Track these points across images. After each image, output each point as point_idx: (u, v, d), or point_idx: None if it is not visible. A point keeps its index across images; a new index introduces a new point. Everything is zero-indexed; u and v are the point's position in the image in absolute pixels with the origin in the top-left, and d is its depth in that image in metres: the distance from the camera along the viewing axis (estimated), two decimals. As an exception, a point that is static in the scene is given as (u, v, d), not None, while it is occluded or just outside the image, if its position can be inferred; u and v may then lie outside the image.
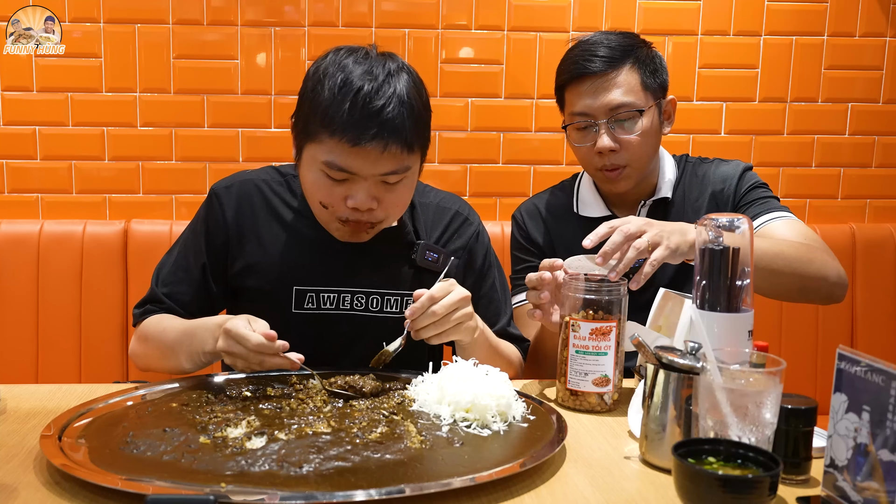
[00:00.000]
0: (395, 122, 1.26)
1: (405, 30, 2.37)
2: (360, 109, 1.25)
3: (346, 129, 1.25)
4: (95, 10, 2.29)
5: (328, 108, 1.27)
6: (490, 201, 2.46)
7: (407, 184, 1.36)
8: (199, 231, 1.50)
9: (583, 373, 1.27)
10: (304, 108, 1.33)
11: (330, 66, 1.30)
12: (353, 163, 1.28)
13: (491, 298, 1.57)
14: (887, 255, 2.37)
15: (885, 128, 2.53)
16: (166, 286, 1.50)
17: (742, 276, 1.12)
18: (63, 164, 2.34)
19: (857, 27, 2.47)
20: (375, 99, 1.25)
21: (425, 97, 1.36)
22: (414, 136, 1.29)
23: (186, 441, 1.06)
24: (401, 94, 1.28)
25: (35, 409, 1.24)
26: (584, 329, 1.26)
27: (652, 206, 1.70)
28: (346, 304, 1.46)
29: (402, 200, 1.37)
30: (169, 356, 1.42)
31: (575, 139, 1.64)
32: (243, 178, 1.52)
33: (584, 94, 1.60)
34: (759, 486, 0.84)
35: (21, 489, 0.96)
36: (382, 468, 0.98)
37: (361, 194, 1.31)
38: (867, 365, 0.87)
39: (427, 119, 1.36)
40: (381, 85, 1.27)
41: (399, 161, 1.30)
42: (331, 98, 1.27)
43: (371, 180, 1.31)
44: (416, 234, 1.50)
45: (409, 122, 1.28)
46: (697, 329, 1.07)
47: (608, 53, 1.59)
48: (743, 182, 1.69)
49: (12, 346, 2.15)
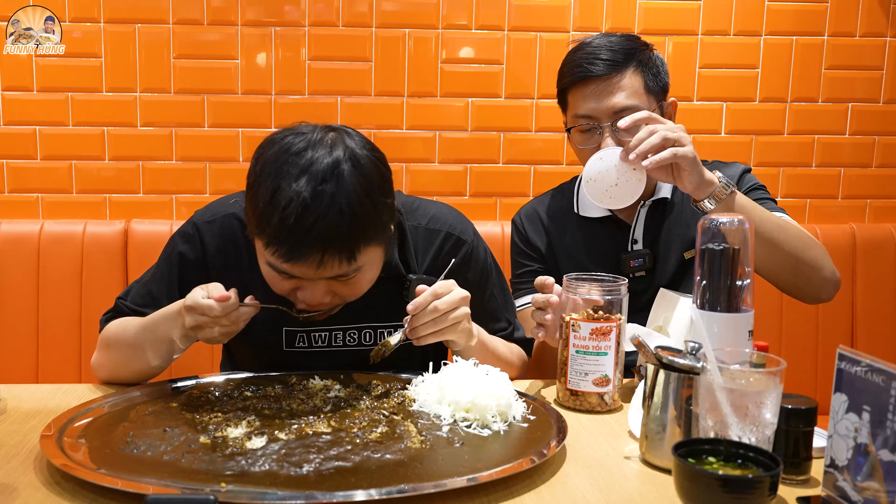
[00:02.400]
0: (329, 235, 1.16)
1: (405, 30, 2.37)
2: (289, 226, 1.15)
3: (277, 243, 1.17)
4: (95, 10, 2.29)
5: (261, 217, 1.18)
6: (490, 201, 2.46)
7: (363, 275, 1.27)
8: (174, 263, 1.43)
9: (583, 373, 1.27)
10: (247, 203, 1.25)
11: (268, 162, 1.20)
12: (294, 271, 1.21)
13: (490, 309, 1.54)
14: (887, 255, 2.37)
15: (886, 128, 2.53)
16: (135, 305, 1.44)
17: (742, 276, 1.12)
18: (63, 164, 2.34)
19: (858, 27, 2.47)
20: (308, 213, 1.14)
21: (377, 186, 1.22)
22: (357, 242, 1.19)
23: (186, 441, 1.06)
24: (339, 201, 1.15)
25: (35, 409, 1.24)
26: (585, 329, 1.26)
27: (651, 206, 1.71)
28: (339, 340, 1.44)
29: (358, 290, 1.29)
30: (133, 356, 1.35)
31: (578, 141, 1.64)
32: (226, 211, 1.44)
33: (587, 96, 1.60)
34: (759, 486, 0.85)
35: (21, 489, 0.96)
36: (382, 468, 0.98)
37: (310, 294, 1.25)
38: (867, 365, 0.87)
39: (377, 214, 1.22)
40: (316, 194, 1.15)
41: (342, 268, 1.21)
42: (263, 207, 1.17)
43: (319, 282, 1.24)
44: (406, 265, 1.44)
45: (349, 232, 1.17)
46: (697, 329, 1.07)
47: (612, 56, 1.58)
48: (742, 184, 1.69)
49: (12, 346, 2.15)
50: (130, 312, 1.43)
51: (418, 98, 2.40)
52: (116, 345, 1.39)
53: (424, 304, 1.28)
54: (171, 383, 1.33)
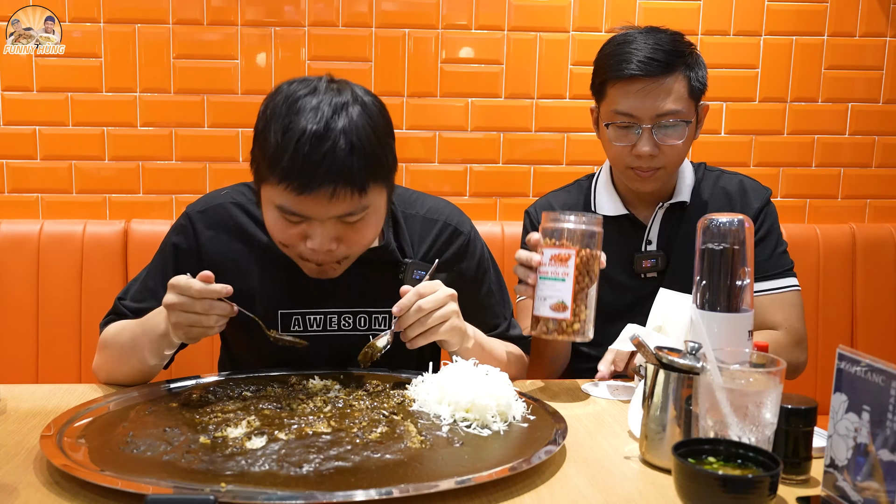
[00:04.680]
0: (341, 167, 1.20)
1: (405, 30, 2.37)
2: (302, 158, 1.19)
3: (291, 176, 1.20)
4: (95, 10, 2.29)
5: (273, 154, 1.21)
6: (490, 201, 2.46)
7: (369, 221, 1.29)
8: (169, 257, 1.45)
9: (542, 298, 1.31)
10: (256, 150, 1.28)
11: (278, 106, 1.24)
12: (304, 208, 1.23)
13: (487, 305, 1.55)
14: (887, 255, 2.37)
15: (885, 128, 2.53)
16: (132, 302, 1.46)
17: (742, 276, 1.12)
18: (63, 164, 2.34)
19: (858, 27, 2.47)
20: (320, 144, 1.19)
21: (382, 127, 1.27)
22: (367, 177, 1.23)
23: (186, 441, 1.06)
24: (349, 134, 1.20)
25: (35, 409, 1.24)
26: (546, 255, 1.32)
27: (669, 209, 1.70)
28: (333, 325, 1.44)
29: (364, 238, 1.31)
30: (129, 354, 1.36)
31: (613, 137, 1.62)
32: (217, 201, 1.47)
33: (631, 94, 1.57)
34: (759, 485, 0.85)
35: (21, 489, 0.96)
36: (382, 468, 0.98)
37: (318, 236, 1.26)
38: (867, 365, 0.87)
39: (383, 155, 1.27)
40: (328, 126, 1.20)
41: (352, 204, 1.24)
42: (275, 144, 1.21)
43: (328, 222, 1.26)
44: (402, 251, 1.46)
45: (359, 164, 1.21)
46: (697, 329, 1.07)
47: (663, 58, 1.56)
48: (759, 218, 1.69)
49: (12, 346, 2.15)
50: (130, 311, 1.44)
51: (418, 98, 2.40)
52: (114, 346, 1.39)
53: (409, 304, 1.29)
54: (171, 383, 1.33)
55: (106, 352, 1.41)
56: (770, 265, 1.67)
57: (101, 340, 1.43)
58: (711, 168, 1.79)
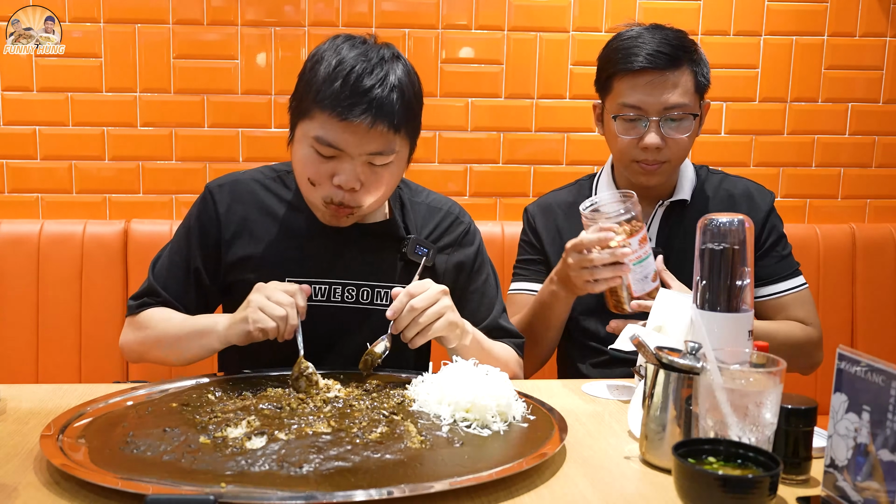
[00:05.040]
0: (383, 102, 1.30)
1: (405, 30, 2.37)
2: (350, 86, 1.30)
3: (336, 104, 1.30)
4: (95, 10, 2.29)
5: (321, 85, 1.32)
6: (490, 201, 2.46)
7: (392, 169, 1.38)
8: (193, 228, 1.53)
9: (644, 276, 1.45)
10: (301, 88, 1.38)
11: (328, 50, 1.36)
12: (342, 138, 1.32)
13: (484, 293, 1.58)
14: (887, 255, 2.37)
15: (885, 128, 2.53)
16: (161, 280, 1.52)
17: (742, 276, 1.12)
18: (63, 164, 2.34)
19: (857, 27, 2.47)
20: (366, 78, 1.31)
21: (418, 87, 1.40)
22: (402, 118, 1.33)
23: (186, 441, 1.06)
24: (391, 78, 1.33)
25: (35, 409, 1.24)
26: (634, 243, 1.44)
27: (669, 207, 1.71)
28: (337, 296, 1.48)
29: (386, 185, 1.39)
30: (173, 345, 1.44)
31: (620, 130, 1.63)
32: (236, 177, 1.56)
33: (639, 87, 1.59)
34: (759, 486, 0.85)
35: (21, 489, 0.96)
36: (382, 468, 0.98)
37: (347, 172, 1.34)
38: (867, 365, 0.87)
39: (417, 108, 1.39)
40: (374, 67, 1.32)
41: (386, 141, 1.33)
42: (325, 76, 1.32)
43: (358, 159, 1.34)
44: (407, 230, 1.52)
45: (398, 104, 1.32)
46: (697, 329, 1.07)
47: (671, 52, 1.58)
48: (768, 223, 1.72)
49: (12, 346, 2.15)
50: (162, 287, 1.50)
51: (418, 98, 2.40)
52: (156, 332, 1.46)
53: (401, 306, 1.32)
54: (171, 383, 1.33)
55: (142, 333, 1.48)
56: (784, 266, 1.73)
57: (140, 321, 1.49)
58: (714, 170, 1.80)
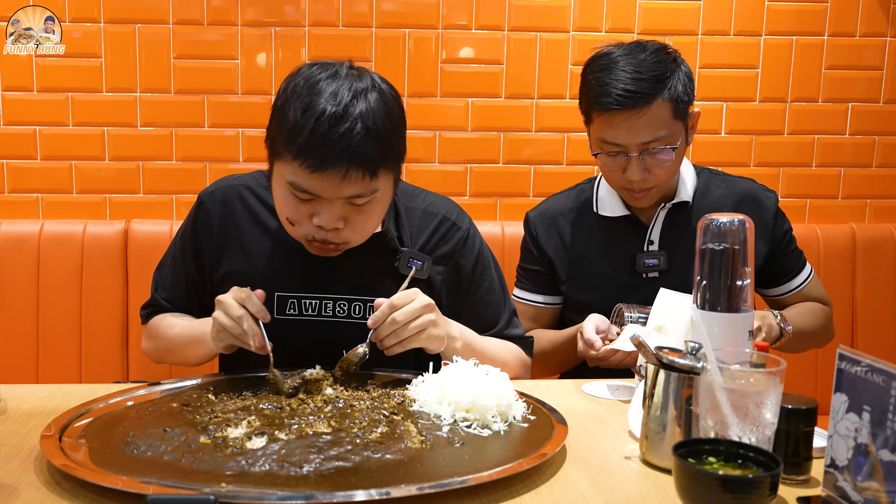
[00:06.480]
0: (355, 150, 1.24)
1: (405, 30, 2.37)
2: (320, 136, 1.24)
3: (307, 153, 1.24)
4: (95, 10, 2.29)
5: (291, 130, 1.26)
6: (490, 201, 2.46)
7: (375, 205, 1.34)
8: (187, 239, 1.53)
9: None
10: (273, 126, 1.33)
11: (299, 86, 1.29)
12: (315, 186, 1.27)
13: (488, 302, 1.55)
14: (887, 255, 2.37)
15: (886, 128, 2.53)
16: (164, 291, 1.55)
17: (742, 276, 1.12)
18: (63, 164, 2.34)
19: (858, 27, 2.47)
20: (337, 125, 1.24)
21: (397, 115, 1.34)
22: (378, 161, 1.27)
23: (186, 441, 1.06)
24: (366, 119, 1.25)
25: (35, 409, 1.24)
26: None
27: (671, 209, 1.71)
28: (329, 310, 1.46)
29: (369, 222, 1.36)
30: (179, 350, 1.50)
31: (603, 163, 1.64)
32: (229, 182, 1.54)
33: (615, 125, 1.57)
34: (759, 486, 0.85)
35: (21, 489, 0.96)
36: (382, 468, 0.98)
37: (326, 215, 1.30)
38: (867, 365, 0.87)
39: (396, 141, 1.33)
40: (346, 109, 1.25)
41: (363, 186, 1.28)
42: (294, 120, 1.26)
43: (336, 202, 1.30)
44: (401, 241, 1.48)
45: (373, 148, 1.26)
46: (697, 329, 1.07)
47: (639, 88, 1.54)
48: (779, 223, 1.76)
49: (12, 346, 2.15)
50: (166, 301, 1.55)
51: (418, 98, 2.40)
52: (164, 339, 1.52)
53: (382, 318, 1.30)
54: (172, 383, 1.33)
55: (154, 342, 1.55)
56: (799, 257, 1.82)
57: (150, 330, 1.56)
58: (716, 171, 1.80)
